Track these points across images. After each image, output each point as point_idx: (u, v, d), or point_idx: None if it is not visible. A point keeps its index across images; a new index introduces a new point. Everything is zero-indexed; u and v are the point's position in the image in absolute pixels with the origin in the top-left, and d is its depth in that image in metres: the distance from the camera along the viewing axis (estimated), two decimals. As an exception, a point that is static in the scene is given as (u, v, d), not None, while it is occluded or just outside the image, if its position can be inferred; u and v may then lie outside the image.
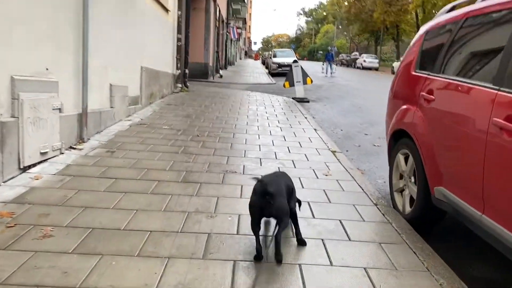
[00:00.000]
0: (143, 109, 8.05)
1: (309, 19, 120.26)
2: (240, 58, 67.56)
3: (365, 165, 5.53)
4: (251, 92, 13.44)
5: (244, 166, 4.60)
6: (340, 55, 60.92)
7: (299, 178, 4.21)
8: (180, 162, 4.59)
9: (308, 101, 12.22)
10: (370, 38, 67.93)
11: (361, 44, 77.12)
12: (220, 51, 26.99)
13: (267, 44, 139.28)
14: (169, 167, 4.36)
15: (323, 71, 29.73)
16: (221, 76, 21.84)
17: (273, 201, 2.45)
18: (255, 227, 2.53)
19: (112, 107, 6.48)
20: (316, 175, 4.41)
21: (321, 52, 74.18)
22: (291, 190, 2.78)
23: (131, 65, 7.50)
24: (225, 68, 31.31)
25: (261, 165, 4.69)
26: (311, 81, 12.52)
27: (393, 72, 36.10)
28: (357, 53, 52.75)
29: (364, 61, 44.07)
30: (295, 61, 12.55)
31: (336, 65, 51.43)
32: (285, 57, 28.74)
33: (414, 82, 3.69)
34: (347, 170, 4.68)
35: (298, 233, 2.80)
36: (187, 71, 12.29)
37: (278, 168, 4.59)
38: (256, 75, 26.27)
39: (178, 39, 11.24)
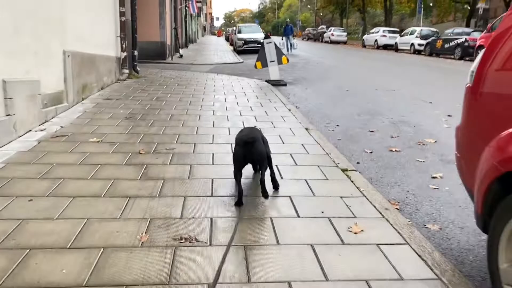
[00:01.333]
0: (70, 110, 5.89)
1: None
2: (202, 35, 64.40)
3: (396, 192, 3.68)
4: (216, 75, 11.34)
5: (212, 220, 2.65)
6: (306, 29, 58.97)
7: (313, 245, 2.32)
8: (99, 222, 2.58)
9: (285, 84, 10.27)
10: (335, 11, 66.12)
11: (326, 18, 75.35)
12: (179, 27, 24.45)
13: (229, 20, 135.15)
14: (70, 244, 2.35)
15: (282, 48, 26.80)
16: (181, 56, 19.48)
17: (254, 148, 2.91)
18: (238, 174, 2.93)
19: (9, 115, 4.33)
20: (340, 237, 2.51)
21: (292, 25, 72.05)
22: (264, 140, 3.18)
23: (44, 49, 5.29)
24: (186, 46, 28.78)
25: (240, 212, 2.76)
26: (288, 60, 10.54)
27: (364, 46, 34.61)
28: (324, 27, 50.84)
29: (332, 34, 42.30)
30: (266, 37, 10.49)
31: (303, 39, 49.27)
32: (251, 32, 26.51)
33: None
34: (394, 228, 2.78)
35: (273, 174, 3.22)
36: (136, 52, 10.03)
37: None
38: (220, 54, 23.98)
39: (121, 13, 8.93)
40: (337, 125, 6.05)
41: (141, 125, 5.12)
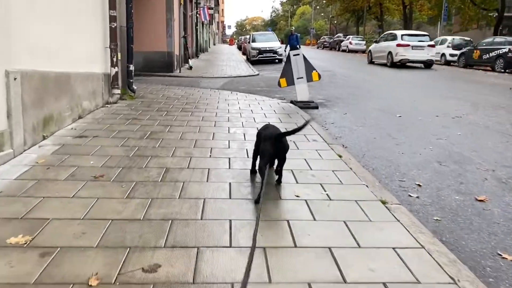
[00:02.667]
0: (15, 159, 3.93)
1: (284, 0, 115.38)
2: (214, 44, 62.81)
3: None
4: (230, 94, 9.35)
5: None
6: (322, 37, 57.04)
7: None
8: None
9: (316, 107, 8.23)
10: (351, 19, 64.07)
11: (341, 25, 73.34)
12: (189, 36, 22.65)
13: (241, 28, 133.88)
14: None
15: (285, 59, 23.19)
16: (190, 68, 17.59)
17: (283, 144, 3.31)
18: (265, 168, 3.08)
19: None
20: None
21: (299, 34, 69.57)
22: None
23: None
24: (197, 56, 26.98)
25: None
26: (319, 77, 8.51)
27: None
28: (340, 35, 48.79)
29: (350, 43, 40.34)
30: (293, 48, 8.50)
31: (318, 48, 47.05)
32: (266, 41, 24.57)
33: None
34: None
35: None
36: (131, 67, 8.08)
37: None
38: (233, 64, 22.07)
39: (112, 18, 7.02)
40: (418, 185, 3.98)
41: (114, 196, 3.12)
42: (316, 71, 8.47)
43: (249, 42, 26.61)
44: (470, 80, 15.21)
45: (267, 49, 23.67)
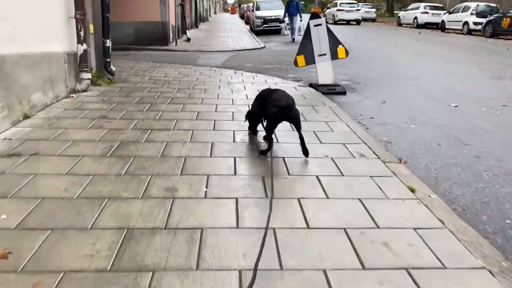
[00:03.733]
0: None
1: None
2: (215, 13, 60.03)
3: None
4: (233, 74, 7.61)
5: None
6: (328, 6, 54.10)
7: None
8: None
9: (344, 92, 6.51)
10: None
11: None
12: (186, 3, 20.59)
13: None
14: None
15: (286, 31, 18.81)
16: (188, 40, 15.72)
17: (292, 111, 3.26)
18: (273, 132, 3.30)
19: None
20: None
21: (302, 2, 65.81)
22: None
23: None
24: (196, 26, 24.93)
25: None
26: (346, 53, 6.74)
27: (399, 24, 30.16)
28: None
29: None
30: (314, 16, 6.68)
31: (355, 22, 44.50)
32: (272, 9, 22.47)
33: None
34: None
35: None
36: (108, 42, 6.33)
37: None
38: (236, 35, 20.10)
39: (76, -22, 5.24)
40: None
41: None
42: (343, 45, 6.70)
43: (252, 11, 24.51)
44: (507, 53, 13.32)
45: (273, 18, 21.63)
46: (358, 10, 31.24)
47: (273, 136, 3.36)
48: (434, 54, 12.47)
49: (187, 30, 16.53)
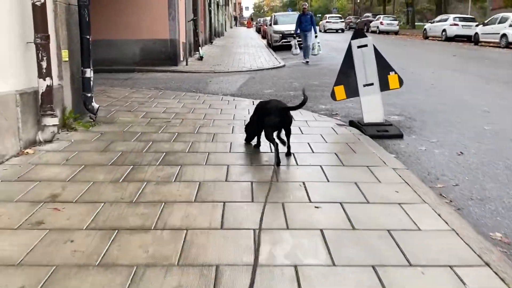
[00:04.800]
0: None
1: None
2: (231, 27, 59.19)
3: None
4: (251, 106, 6.02)
5: None
6: (347, 17, 52.75)
7: None
8: None
9: (400, 136, 4.87)
10: (378, -4, 59.33)
11: (364, 5, 68.45)
12: (200, 18, 19.34)
13: (259, 9, 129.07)
14: None
15: (296, 50, 14.78)
16: (200, 58, 14.34)
17: (288, 116, 3.54)
18: (272, 137, 3.51)
19: None
20: None
21: (319, 15, 64.22)
22: None
23: None
24: (210, 42, 23.66)
25: None
26: (400, 82, 5.11)
27: (426, 37, 28.37)
28: (369, 14, 44.47)
29: (381, 23, 36.26)
30: (358, 35, 5.09)
31: (340, 31, 42.91)
32: (290, 23, 20.87)
33: None
34: None
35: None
36: (89, 73, 4.84)
37: None
38: (252, 51, 18.70)
39: (37, -12, 3.78)
40: None
41: None
42: (395, 72, 5.10)
43: (270, 25, 23.12)
44: None
45: (292, 32, 20.06)
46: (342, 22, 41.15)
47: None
48: (482, 73, 10.74)
49: (199, 47, 15.17)
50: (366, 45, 5.02)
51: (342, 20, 41.72)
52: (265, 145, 3.97)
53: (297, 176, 3.27)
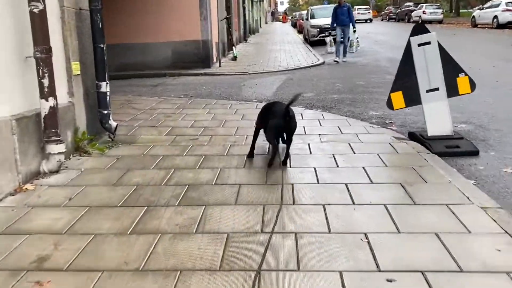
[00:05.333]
0: None
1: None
2: (266, 23, 58.34)
3: None
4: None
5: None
6: (387, 8, 50.74)
7: None
8: None
9: (476, 153, 3.95)
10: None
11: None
12: (234, 16, 18.71)
13: (294, 3, 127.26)
14: None
15: (331, 48, 13.25)
16: (234, 58, 13.70)
17: (293, 121, 3.41)
18: (275, 141, 3.40)
19: None
20: None
21: (358, 7, 61.76)
22: None
23: None
24: (245, 40, 23.01)
25: None
26: (472, 86, 4.20)
27: (475, 25, 26.43)
28: (410, 4, 42.34)
29: (424, 12, 34.28)
30: (419, 31, 4.20)
31: (382, 20, 41.06)
32: (328, 16, 19.84)
33: None
34: None
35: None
36: (104, 87, 4.24)
37: None
38: (289, 48, 17.87)
39: (35, -7, 3.19)
40: None
41: None
42: (466, 74, 4.18)
43: (307, 19, 22.14)
44: None
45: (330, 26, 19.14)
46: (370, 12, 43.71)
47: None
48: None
49: (233, 47, 14.52)
50: (429, 43, 4.14)
51: (370, 11, 44.49)
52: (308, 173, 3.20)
53: (356, 223, 2.49)
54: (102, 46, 4.18)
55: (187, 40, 11.49)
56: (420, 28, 4.23)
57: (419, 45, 4.14)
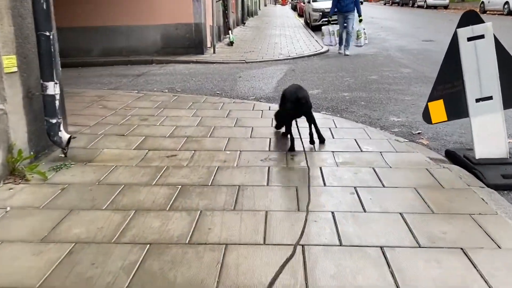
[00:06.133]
0: None
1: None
2: (265, 5, 56.70)
3: None
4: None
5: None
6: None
7: None
8: None
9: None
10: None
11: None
12: (230, -2, 17.45)
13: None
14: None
15: (329, 40, 10.83)
16: (231, 43, 12.59)
17: (306, 102, 3.40)
18: (291, 127, 3.47)
19: None
20: None
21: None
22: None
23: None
24: (243, 23, 21.80)
25: None
26: (538, 95, 3.21)
27: (483, 11, 25.23)
28: (415, -13, 40.75)
29: (429, -4, 33.03)
30: (468, 20, 3.17)
31: (385, 4, 39.78)
32: (331, -1, 18.78)
33: None
34: None
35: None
36: (52, 88, 3.19)
37: None
38: (289, 32, 16.73)
39: None
40: None
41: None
42: (529, 78, 3.17)
43: (308, 2, 20.90)
44: None
45: (333, 10, 17.95)
46: None
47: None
48: None
49: (230, 31, 13.38)
50: (482, 36, 3.11)
51: None
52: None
53: None
54: (48, 34, 3.13)
55: (178, 23, 10.39)
56: (471, 16, 3.20)
57: (469, 39, 3.12)
